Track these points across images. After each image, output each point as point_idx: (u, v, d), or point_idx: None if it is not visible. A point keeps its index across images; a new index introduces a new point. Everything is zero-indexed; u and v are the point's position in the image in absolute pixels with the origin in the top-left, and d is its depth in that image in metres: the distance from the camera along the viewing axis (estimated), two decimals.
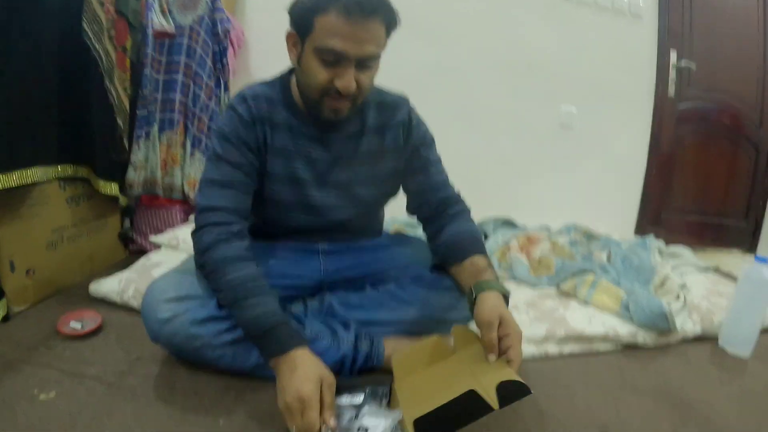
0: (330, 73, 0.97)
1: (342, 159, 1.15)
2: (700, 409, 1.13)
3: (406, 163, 1.20)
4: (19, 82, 1.31)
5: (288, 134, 1.11)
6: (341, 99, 1.00)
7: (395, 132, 1.17)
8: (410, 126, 1.19)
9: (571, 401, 1.14)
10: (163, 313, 1.02)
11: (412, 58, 2.34)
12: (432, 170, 1.20)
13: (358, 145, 1.15)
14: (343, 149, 1.15)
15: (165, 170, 1.90)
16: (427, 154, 1.21)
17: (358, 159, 1.16)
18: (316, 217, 1.17)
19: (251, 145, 1.08)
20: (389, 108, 1.17)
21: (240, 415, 0.99)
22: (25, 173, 1.34)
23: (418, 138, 1.20)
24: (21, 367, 1.11)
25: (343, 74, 0.96)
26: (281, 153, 1.11)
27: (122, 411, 0.98)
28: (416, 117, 1.22)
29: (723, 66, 2.54)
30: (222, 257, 0.99)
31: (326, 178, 1.15)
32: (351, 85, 0.97)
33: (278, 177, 1.12)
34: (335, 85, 0.97)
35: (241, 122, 1.07)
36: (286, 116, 1.11)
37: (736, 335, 1.43)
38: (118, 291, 1.46)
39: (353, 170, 1.16)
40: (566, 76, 2.44)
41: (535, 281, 1.77)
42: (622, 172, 2.60)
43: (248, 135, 1.07)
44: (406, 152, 1.19)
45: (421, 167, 1.20)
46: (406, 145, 1.19)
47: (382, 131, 1.17)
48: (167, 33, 1.82)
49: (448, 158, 2.34)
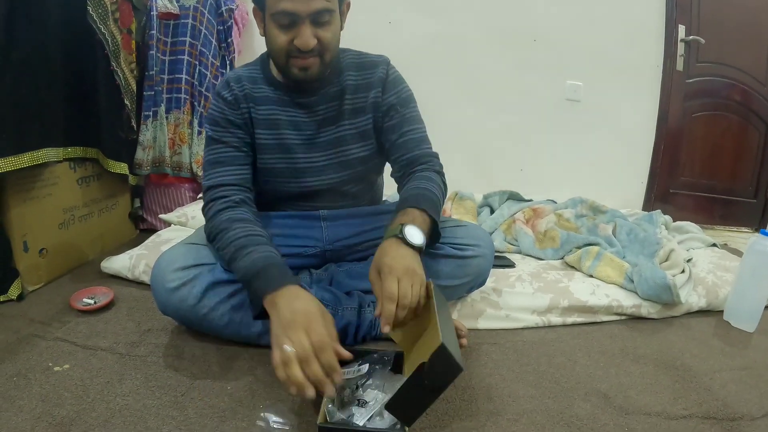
0: (289, 35, 1.03)
1: (327, 120, 1.19)
2: (702, 379, 1.13)
3: (381, 120, 1.22)
4: (27, 67, 1.33)
5: (272, 106, 1.17)
6: (306, 57, 1.05)
7: (374, 88, 1.20)
8: (386, 81, 1.21)
9: (573, 368, 1.16)
10: (171, 282, 1.05)
11: (416, 32, 2.35)
12: (406, 128, 1.20)
13: (341, 105, 1.19)
14: (326, 110, 1.19)
15: (173, 149, 1.93)
16: (402, 111, 1.21)
17: (343, 117, 1.20)
18: (309, 180, 1.21)
19: (238, 123, 1.15)
20: (367, 67, 1.21)
21: (247, 381, 1.02)
22: (36, 155, 1.37)
23: (395, 94, 1.21)
24: (36, 341, 1.14)
25: (299, 33, 1.01)
26: (268, 124, 1.17)
27: (133, 378, 1.01)
28: (394, 74, 1.23)
29: (732, 40, 2.50)
30: (224, 220, 1.04)
31: (314, 140, 1.19)
32: (309, 41, 1.02)
33: (268, 147, 1.18)
34: (295, 44, 1.02)
35: (226, 104, 1.15)
36: (268, 90, 1.17)
37: (741, 309, 1.43)
38: (129, 267, 1.49)
39: (339, 129, 1.20)
40: (573, 50, 2.42)
41: (540, 254, 1.78)
42: (629, 148, 2.59)
43: (234, 114, 1.15)
44: (382, 108, 1.21)
45: (396, 125, 1.20)
46: (382, 102, 1.21)
47: (362, 89, 1.20)
48: (171, 14, 1.84)
49: (454, 132, 2.39)
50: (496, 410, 0.98)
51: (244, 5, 2.17)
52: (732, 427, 0.96)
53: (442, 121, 2.46)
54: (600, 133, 2.53)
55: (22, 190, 1.38)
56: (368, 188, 1.32)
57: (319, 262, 1.27)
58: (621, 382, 1.11)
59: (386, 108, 1.20)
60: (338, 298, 1.16)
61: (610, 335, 1.34)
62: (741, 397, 1.07)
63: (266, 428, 0.88)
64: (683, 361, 1.21)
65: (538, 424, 0.94)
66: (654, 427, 0.95)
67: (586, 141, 2.54)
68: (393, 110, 1.20)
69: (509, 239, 1.91)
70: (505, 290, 1.42)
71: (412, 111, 1.23)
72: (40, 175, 1.44)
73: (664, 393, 1.07)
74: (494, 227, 1.98)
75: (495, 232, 1.95)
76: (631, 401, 1.03)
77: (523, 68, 2.44)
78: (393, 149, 1.21)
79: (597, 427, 0.94)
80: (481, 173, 2.52)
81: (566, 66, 2.45)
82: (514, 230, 1.92)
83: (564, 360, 1.20)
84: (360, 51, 1.24)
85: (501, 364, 1.16)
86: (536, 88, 2.47)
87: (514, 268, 1.64)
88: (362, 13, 2.16)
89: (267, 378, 1.04)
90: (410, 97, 1.24)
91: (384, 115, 1.21)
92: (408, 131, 1.20)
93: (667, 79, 2.48)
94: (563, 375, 1.13)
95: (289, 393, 0.78)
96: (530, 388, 1.07)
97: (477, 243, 1.23)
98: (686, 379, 1.13)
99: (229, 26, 1.98)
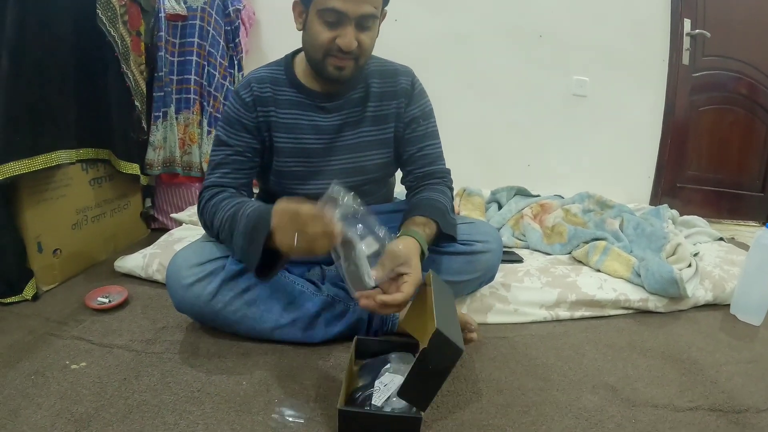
0: (332, 33, 1.03)
1: (348, 124, 1.19)
2: (708, 372, 1.15)
3: (402, 131, 1.23)
4: (39, 71, 1.35)
5: (294, 109, 1.17)
6: (344, 57, 1.05)
7: (398, 98, 1.21)
8: (412, 94, 1.22)
9: (581, 361, 1.17)
10: (186, 279, 1.08)
11: (423, 29, 2.36)
12: (426, 143, 1.23)
13: (364, 111, 1.20)
14: (348, 115, 1.19)
15: (183, 149, 1.94)
16: (425, 125, 1.23)
17: (364, 123, 1.20)
18: (325, 184, 1.19)
19: (250, 127, 1.15)
20: (393, 75, 1.21)
21: (262, 376, 1.04)
22: (49, 157, 1.39)
23: (418, 107, 1.23)
24: (52, 340, 1.16)
25: (344, 33, 1.02)
26: (289, 128, 1.17)
27: (149, 375, 1.03)
28: (419, 87, 1.25)
29: (738, 34, 2.49)
30: (213, 204, 1.08)
31: (334, 143, 1.19)
32: (352, 42, 1.03)
33: (287, 150, 1.18)
34: (337, 43, 1.03)
35: (243, 105, 1.15)
36: (291, 93, 1.17)
37: (748, 303, 1.44)
38: (143, 266, 1.51)
39: (359, 135, 1.20)
40: (579, 45, 2.42)
41: (548, 249, 1.79)
42: (636, 142, 2.59)
43: (248, 117, 1.15)
44: (404, 119, 1.22)
45: (417, 138, 1.22)
46: (405, 113, 1.22)
47: (386, 97, 1.20)
48: (179, 15, 1.85)
49: (461, 128, 2.40)
50: (506, 403, 0.99)
51: (251, 5, 2.19)
52: (738, 420, 0.97)
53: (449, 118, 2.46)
54: (606, 128, 2.53)
55: (36, 192, 1.40)
56: (381, 187, 1.34)
57: (330, 258, 1.28)
58: (628, 375, 1.12)
59: (409, 120, 1.22)
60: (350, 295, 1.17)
61: (618, 329, 1.35)
62: (747, 389, 1.08)
63: (281, 422, 0.90)
64: (690, 355, 1.22)
65: (546, 416, 0.96)
66: (661, 419, 0.96)
67: (593, 136, 2.54)
68: (415, 123, 1.22)
69: (517, 234, 1.92)
70: (514, 285, 1.44)
71: (432, 125, 1.25)
72: (53, 176, 1.46)
73: (670, 386, 1.08)
74: (502, 223, 1.99)
75: (503, 228, 1.96)
76: (638, 394, 1.05)
77: (529, 64, 2.44)
78: (410, 161, 1.23)
79: (604, 419, 0.96)
80: (489, 169, 2.53)
81: (572, 61, 2.45)
82: (521, 226, 1.93)
83: (572, 353, 1.21)
84: (382, 58, 1.24)
85: (510, 358, 1.17)
86: (543, 84, 2.47)
87: (522, 263, 1.65)
88: None
89: (281, 372, 1.06)
90: (431, 111, 1.26)
91: (406, 126, 1.22)
92: (427, 146, 1.23)
93: (673, 74, 2.48)
94: (571, 368, 1.14)
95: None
96: (539, 381, 1.08)
97: (485, 239, 1.25)
98: (693, 372, 1.14)
99: (237, 26, 2.00)
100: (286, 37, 1.35)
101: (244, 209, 0.99)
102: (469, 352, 1.16)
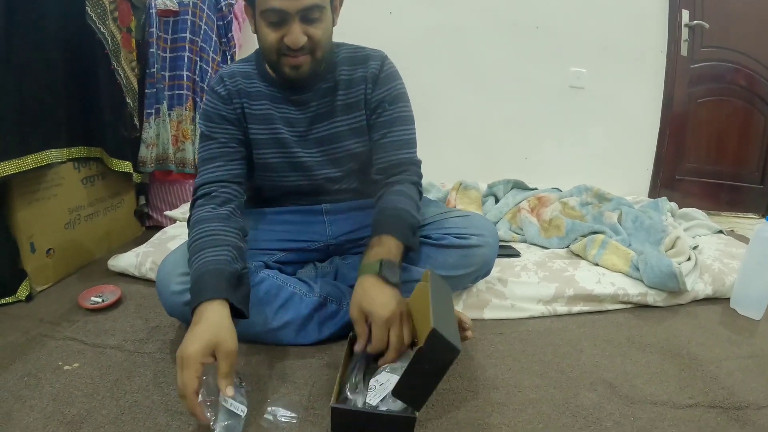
0: (278, 33, 1.02)
1: (320, 116, 1.18)
2: (708, 368, 1.13)
3: (369, 116, 1.20)
4: (28, 69, 1.33)
5: (266, 102, 1.16)
6: (297, 54, 1.04)
7: (366, 83, 1.18)
8: (379, 77, 1.18)
9: (578, 357, 1.16)
10: (176, 286, 1.05)
11: (417, 21, 2.34)
12: (393, 128, 1.18)
13: (333, 101, 1.18)
14: (319, 106, 1.18)
15: (176, 146, 1.93)
16: (391, 109, 1.18)
17: (336, 113, 1.18)
18: (307, 175, 1.21)
19: (230, 118, 1.15)
20: (363, 61, 1.18)
21: (256, 376, 1.03)
22: (40, 156, 1.37)
23: (386, 91, 1.18)
24: (45, 341, 1.15)
25: (289, 31, 1.01)
26: (262, 119, 1.17)
27: (142, 375, 1.02)
28: (388, 70, 1.19)
29: (736, 25, 2.48)
30: (193, 221, 1.04)
31: (308, 136, 1.19)
32: (298, 39, 1.01)
33: (263, 142, 1.18)
34: (285, 43, 1.02)
35: (220, 99, 1.15)
36: (262, 86, 1.17)
37: (747, 296, 1.43)
38: (136, 265, 1.50)
39: (332, 125, 1.19)
40: (575, 36, 2.41)
41: (546, 242, 1.78)
42: (634, 134, 2.58)
43: (226, 109, 1.15)
44: (370, 106, 1.19)
45: (381, 124, 1.18)
46: (371, 97, 1.18)
47: (354, 83, 1.18)
48: (171, 11, 1.83)
49: (457, 122, 2.39)
50: (502, 400, 0.98)
51: None
52: (738, 416, 0.96)
53: (445, 111, 2.47)
54: (604, 120, 2.52)
55: (28, 192, 1.39)
56: (370, 182, 1.32)
57: (323, 256, 1.28)
58: (627, 371, 1.11)
59: (375, 105, 1.18)
60: (343, 292, 1.16)
61: (616, 324, 1.34)
62: (747, 385, 1.07)
63: (274, 422, 0.89)
64: (689, 350, 1.21)
65: (543, 414, 0.95)
66: (660, 417, 0.95)
67: (591, 128, 2.53)
68: (381, 107, 1.18)
69: (514, 228, 1.91)
70: (511, 280, 1.42)
71: (402, 110, 1.19)
72: (45, 176, 1.44)
73: (670, 382, 1.07)
74: (499, 216, 1.98)
75: (500, 222, 1.95)
76: (637, 390, 1.03)
77: (525, 56, 2.43)
78: (376, 148, 1.19)
79: (603, 416, 0.95)
80: (486, 162, 2.52)
81: (569, 53, 2.44)
82: (519, 219, 1.92)
83: (569, 349, 1.20)
84: (357, 45, 1.21)
85: (506, 354, 1.16)
86: (539, 76, 2.46)
87: (520, 258, 1.64)
88: (362, 4, 2.17)
89: (274, 372, 1.05)
90: (402, 95, 1.20)
91: (372, 111, 1.19)
92: (392, 131, 1.17)
93: (671, 65, 2.47)
94: (569, 364, 1.13)
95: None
96: (536, 378, 1.07)
97: (481, 233, 1.22)
98: (692, 367, 1.13)
99: (229, 21, 1.98)
100: None
101: (193, 260, 0.96)
102: (464, 348, 1.15)
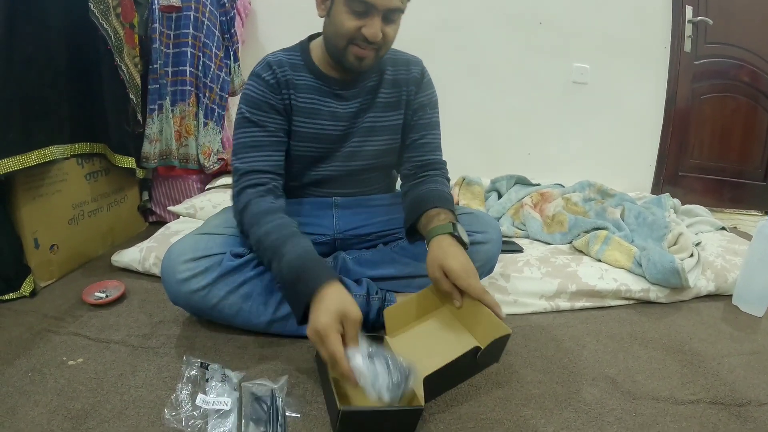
0: (359, 22, 1.03)
1: (361, 111, 1.21)
2: (710, 364, 1.14)
3: (410, 117, 1.25)
4: (31, 66, 1.33)
5: (311, 94, 1.17)
6: (367, 47, 1.06)
7: (408, 86, 1.23)
8: (421, 82, 1.25)
9: (581, 353, 1.16)
10: (181, 274, 1.07)
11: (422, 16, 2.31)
12: (429, 131, 1.25)
13: (376, 97, 1.22)
14: (362, 101, 1.21)
15: (180, 141, 1.93)
16: (430, 114, 1.26)
17: (376, 110, 1.22)
18: (334, 167, 1.23)
19: (278, 108, 1.15)
20: (405, 64, 1.24)
21: (258, 370, 1.04)
22: (43, 152, 1.37)
23: (426, 96, 1.25)
24: (49, 336, 1.15)
25: (371, 23, 1.03)
26: (308, 113, 1.17)
27: (146, 370, 1.03)
28: (428, 76, 1.27)
29: (740, 21, 2.46)
30: (256, 212, 1.04)
31: (349, 130, 1.21)
32: (378, 33, 1.03)
33: (304, 135, 1.18)
34: (362, 33, 1.03)
35: (267, 86, 1.14)
36: (309, 78, 1.17)
37: (750, 293, 1.43)
38: (140, 260, 1.51)
39: (371, 120, 1.22)
40: (579, 32, 2.40)
41: (548, 238, 1.78)
42: (637, 131, 2.57)
43: (274, 98, 1.14)
44: (413, 106, 1.24)
45: (420, 126, 1.24)
46: (414, 100, 1.24)
47: (398, 84, 1.23)
48: (173, 6, 1.83)
49: (461, 117, 2.39)
50: (504, 395, 0.99)
51: None
52: (740, 413, 0.96)
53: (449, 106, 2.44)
54: (607, 116, 2.52)
55: (31, 188, 1.39)
56: (383, 177, 1.35)
57: (328, 250, 1.28)
58: (629, 367, 1.11)
59: (417, 107, 1.24)
60: (347, 286, 1.16)
61: (618, 320, 1.35)
62: (749, 382, 1.07)
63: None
64: (691, 346, 1.21)
65: (546, 408, 0.95)
66: (661, 413, 0.95)
67: (594, 124, 2.52)
68: (422, 110, 1.25)
69: (517, 224, 1.91)
70: (513, 275, 1.43)
71: (436, 116, 1.28)
72: (49, 172, 1.45)
73: (671, 378, 1.08)
74: (502, 212, 1.98)
75: (503, 217, 1.95)
76: (639, 386, 1.04)
77: (529, 51, 2.42)
78: (411, 148, 1.25)
79: (605, 411, 0.95)
80: (489, 158, 2.52)
81: (573, 48, 2.43)
82: (521, 215, 1.92)
83: (572, 345, 1.20)
84: (394, 48, 1.23)
85: (509, 350, 1.16)
86: (543, 72, 2.45)
87: (522, 253, 1.64)
88: None
89: (277, 367, 1.05)
90: (437, 102, 1.29)
91: (414, 113, 1.25)
92: (430, 134, 1.25)
93: (674, 61, 2.46)
94: (571, 360, 1.13)
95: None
96: (538, 373, 1.07)
97: (485, 229, 1.24)
98: (694, 363, 1.14)
99: (232, 17, 1.98)
100: (282, 26, 1.35)
101: (285, 250, 0.96)
102: None
